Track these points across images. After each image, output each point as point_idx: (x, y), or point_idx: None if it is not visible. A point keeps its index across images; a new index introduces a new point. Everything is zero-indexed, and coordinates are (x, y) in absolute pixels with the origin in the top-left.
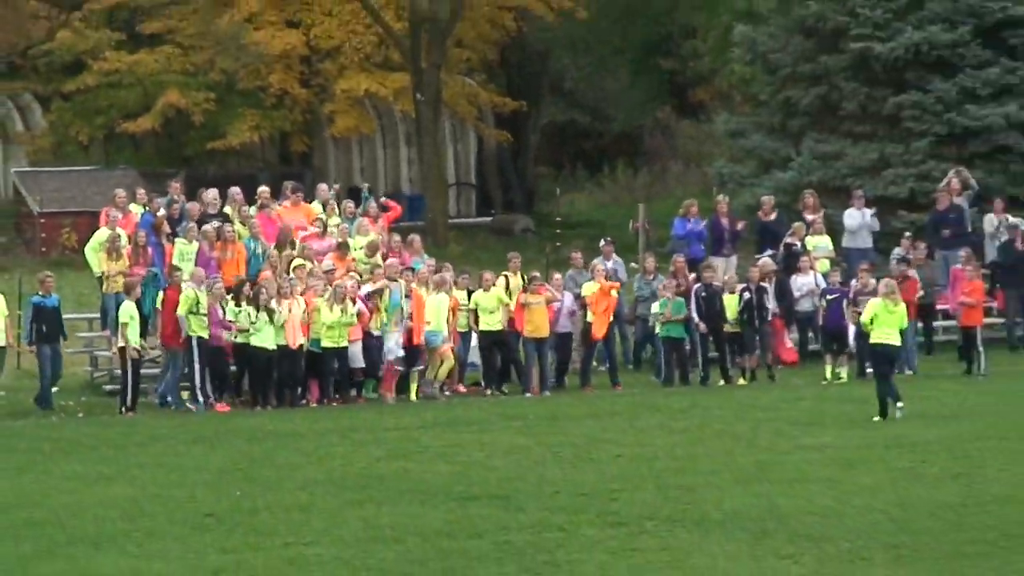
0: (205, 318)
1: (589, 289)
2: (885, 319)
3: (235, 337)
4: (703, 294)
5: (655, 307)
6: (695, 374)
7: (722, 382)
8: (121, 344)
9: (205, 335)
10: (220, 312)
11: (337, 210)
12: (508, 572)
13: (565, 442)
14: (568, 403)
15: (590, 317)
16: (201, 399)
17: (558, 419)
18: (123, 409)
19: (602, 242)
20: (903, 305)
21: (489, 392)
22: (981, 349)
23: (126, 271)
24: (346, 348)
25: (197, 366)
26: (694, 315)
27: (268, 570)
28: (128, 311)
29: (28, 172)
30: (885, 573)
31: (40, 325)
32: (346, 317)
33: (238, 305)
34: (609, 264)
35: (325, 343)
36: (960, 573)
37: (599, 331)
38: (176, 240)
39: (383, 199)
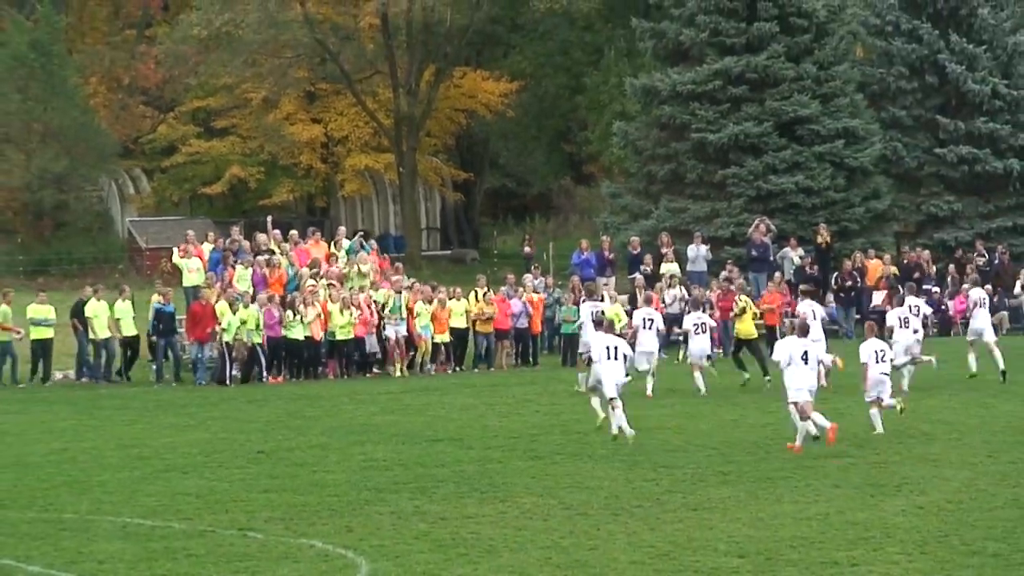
0: (255, 332)
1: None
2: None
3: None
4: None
5: (560, 312)
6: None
7: None
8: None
9: (258, 339)
10: (276, 314)
11: (344, 245)
12: (463, 491)
13: (501, 402)
14: (502, 376)
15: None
16: (267, 376)
17: (496, 387)
18: (228, 382)
19: (533, 267)
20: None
21: (452, 369)
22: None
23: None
24: (354, 339)
25: (263, 359)
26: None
27: (301, 490)
28: (227, 318)
29: (138, 221)
30: (716, 491)
31: (159, 323)
32: (352, 318)
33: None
34: (537, 282)
35: (339, 335)
36: (769, 491)
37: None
38: (236, 267)
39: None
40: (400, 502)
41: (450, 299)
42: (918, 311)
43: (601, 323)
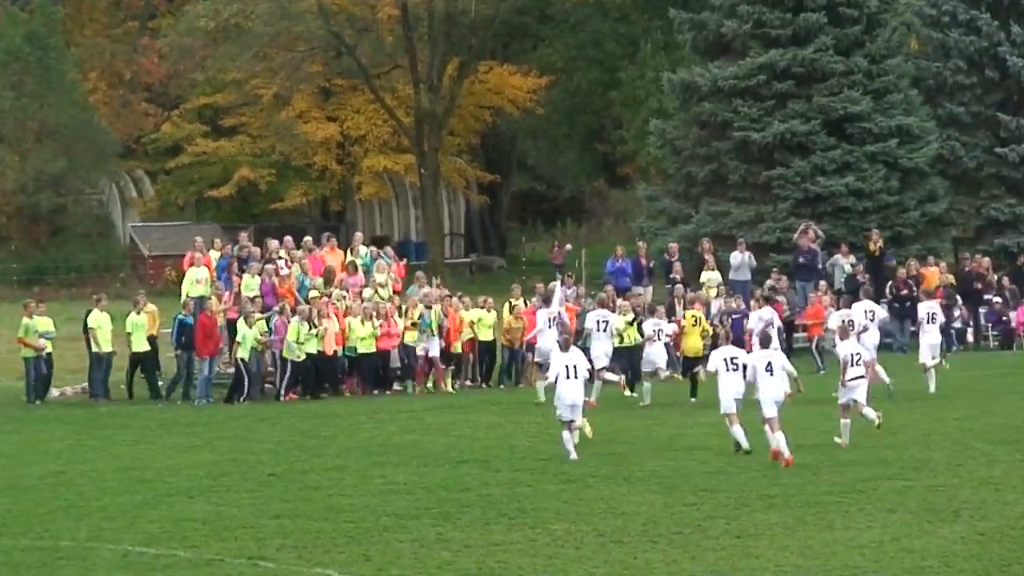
0: (308, 341)
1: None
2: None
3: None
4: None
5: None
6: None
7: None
8: (239, 355)
9: (302, 356)
10: (284, 328)
11: (360, 252)
12: (489, 516)
13: (530, 421)
14: (531, 393)
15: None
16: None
17: (525, 404)
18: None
19: (566, 275)
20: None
21: (484, 386)
22: (823, 351)
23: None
24: (377, 353)
25: (288, 374)
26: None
27: (315, 516)
28: (243, 334)
29: (140, 226)
30: (762, 516)
31: (182, 336)
32: (375, 330)
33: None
34: (569, 291)
35: (361, 349)
36: (818, 516)
37: None
38: (243, 276)
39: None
40: (422, 529)
41: (482, 309)
42: (873, 316)
43: (567, 341)
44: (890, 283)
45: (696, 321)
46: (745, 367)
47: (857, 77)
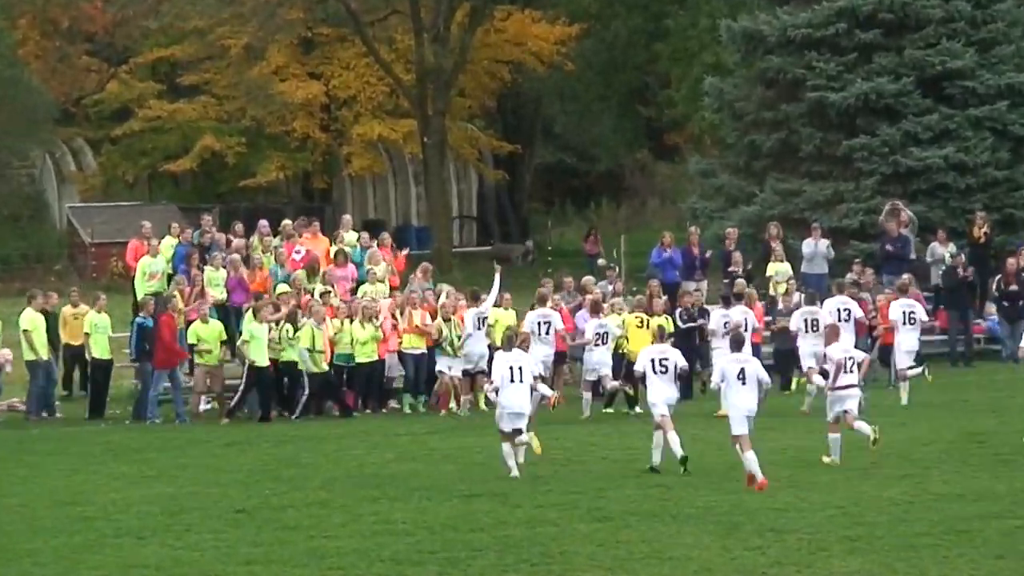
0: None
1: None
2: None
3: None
4: (684, 317)
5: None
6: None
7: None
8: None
9: (323, 367)
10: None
11: (349, 239)
12: (507, 563)
13: (557, 445)
14: (561, 412)
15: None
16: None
17: (551, 425)
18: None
19: (606, 267)
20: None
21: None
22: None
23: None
24: (381, 361)
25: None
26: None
27: (293, 561)
28: (250, 331)
29: (81, 207)
30: (842, 563)
31: (144, 343)
32: (377, 332)
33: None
34: (607, 288)
35: (360, 358)
36: (910, 563)
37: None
38: (205, 268)
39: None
40: None
41: (499, 308)
42: (848, 315)
43: (511, 339)
44: (998, 277)
45: (642, 323)
46: (678, 368)
47: (959, 25)
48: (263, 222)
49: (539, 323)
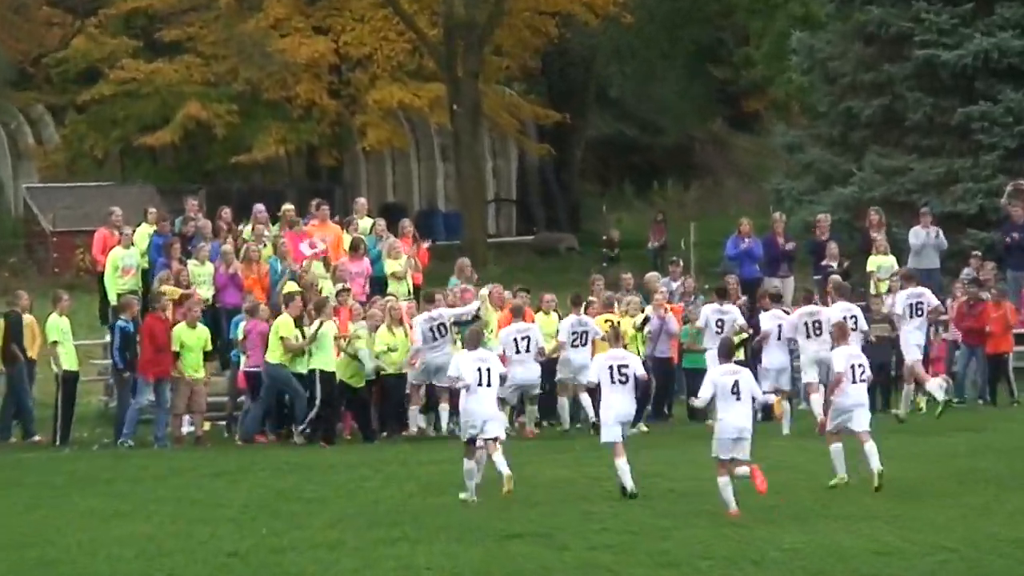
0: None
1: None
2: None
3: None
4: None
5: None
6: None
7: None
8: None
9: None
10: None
11: (363, 226)
12: None
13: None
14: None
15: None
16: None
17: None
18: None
19: (669, 261)
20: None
21: (546, 424)
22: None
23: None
24: (403, 376)
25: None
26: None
27: None
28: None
29: (40, 188)
30: None
31: (127, 351)
32: (406, 340)
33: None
34: (674, 285)
35: (389, 369)
36: None
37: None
38: (189, 262)
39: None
40: None
41: (540, 311)
42: (855, 322)
43: (477, 337)
44: None
45: (613, 327)
46: (636, 378)
47: None
48: (259, 207)
49: (516, 339)
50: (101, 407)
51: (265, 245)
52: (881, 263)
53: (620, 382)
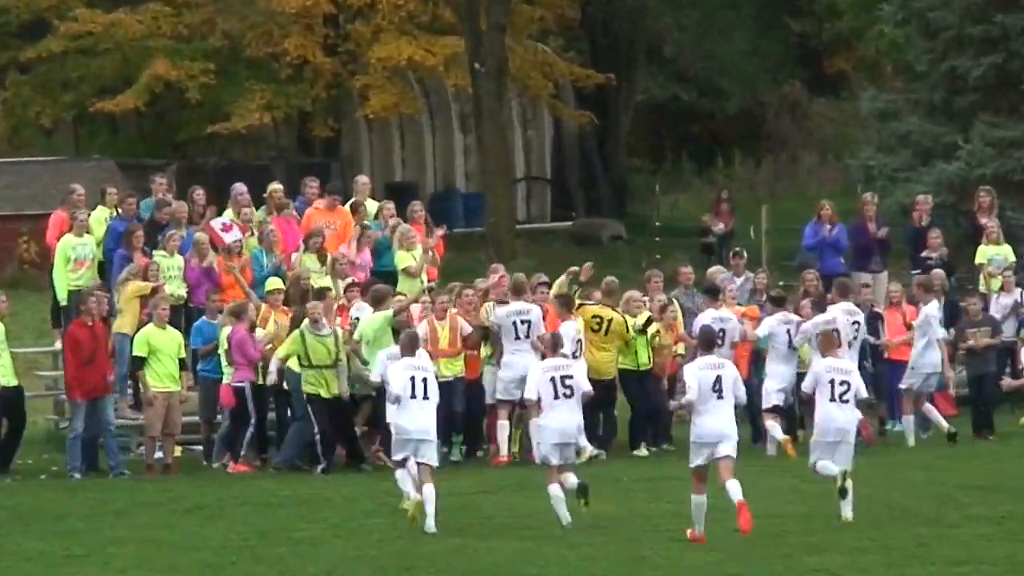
0: (326, 372)
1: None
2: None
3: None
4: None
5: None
6: None
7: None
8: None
9: (324, 392)
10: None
11: (368, 211)
12: None
13: (669, 511)
14: (672, 463)
15: None
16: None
17: (662, 482)
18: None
19: (731, 253)
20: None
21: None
22: None
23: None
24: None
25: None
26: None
27: None
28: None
29: None
30: None
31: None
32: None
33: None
34: (739, 281)
35: (444, 372)
36: None
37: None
38: (155, 253)
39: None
40: None
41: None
42: (857, 329)
43: (414, 341)
44: None
45: (601, 325)
46: (581, 392)
47: None
48: (239, 186)
49: (516, 321)
50: (50, 428)
51: (251, 234)
52: (993, 254)
53: (565, 395)
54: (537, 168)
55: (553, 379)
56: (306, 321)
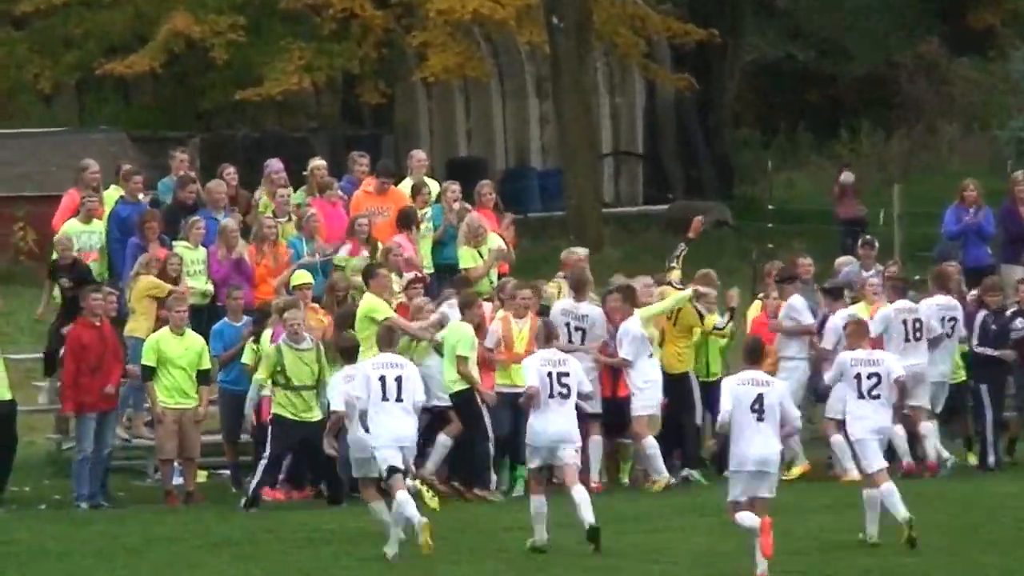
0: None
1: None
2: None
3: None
4: (992, 324)
5: None
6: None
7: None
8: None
9: (295, 414)
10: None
11: (429, 191)
12: None
13: (794, 548)
14: (802, 487)
15: None
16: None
17: (786, 513)
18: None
19: (860, 243)
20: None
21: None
22: None
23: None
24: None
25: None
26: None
27: None
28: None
29: None
30: None
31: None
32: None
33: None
34: (867, 275)
35: (501, 381)
36: None
37: None
38: (176, 244)
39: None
40: None
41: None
42: (919, 328)
43: (389, 336)
44: None
45: (673, 314)
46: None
47: None
48: (273, 163)
49: (569, 324)
50: (51, 449)
51: (287, 218)
52: None
53: (560, 395)
54: (627, 141)
55: (550, 375)
56: (284, 335)
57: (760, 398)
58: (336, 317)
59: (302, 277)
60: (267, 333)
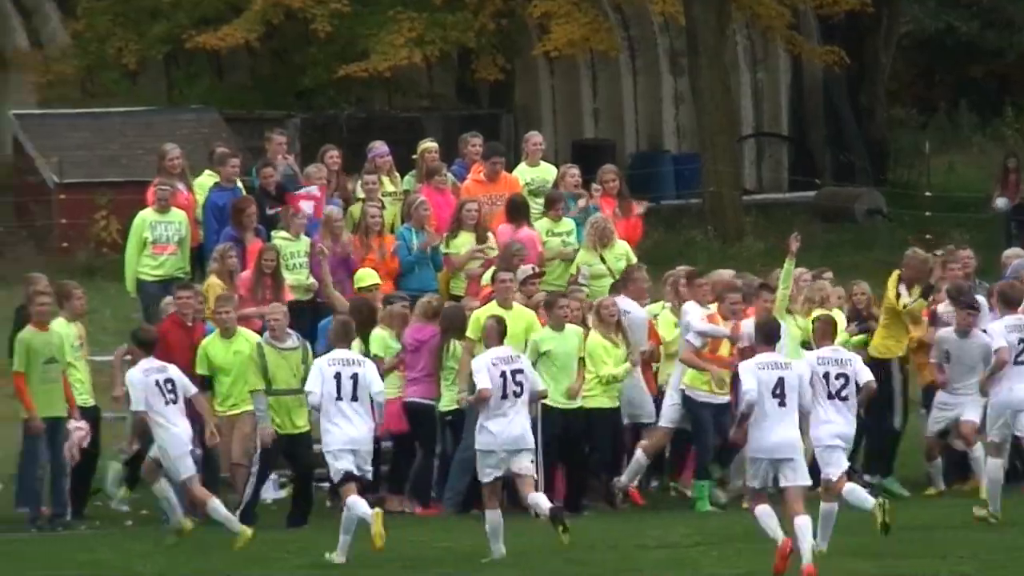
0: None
1: None
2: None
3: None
4: None
5: None
6: None
7: None
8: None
9: (281, 425)
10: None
11: (546, 176)
12: None
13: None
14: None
15: None
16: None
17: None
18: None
19: None
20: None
21: None
22: None
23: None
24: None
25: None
26: None
27: None
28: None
29: (38, 117)
30: None
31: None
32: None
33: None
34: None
35: (600, 399)
36: None
37: None
38: (274, 234)
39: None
40: None
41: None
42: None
43: (345, 328)
44: None
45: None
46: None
47: None
48: (378, 146)
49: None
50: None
51: (380, 207)
52: None
53: (514, 394)
54: (770, 122)
55: (504, 374)
56: (266, 333)
57: (781, 382)
58: (442, 320)
59: (369, 278)
60: (375, 332)
